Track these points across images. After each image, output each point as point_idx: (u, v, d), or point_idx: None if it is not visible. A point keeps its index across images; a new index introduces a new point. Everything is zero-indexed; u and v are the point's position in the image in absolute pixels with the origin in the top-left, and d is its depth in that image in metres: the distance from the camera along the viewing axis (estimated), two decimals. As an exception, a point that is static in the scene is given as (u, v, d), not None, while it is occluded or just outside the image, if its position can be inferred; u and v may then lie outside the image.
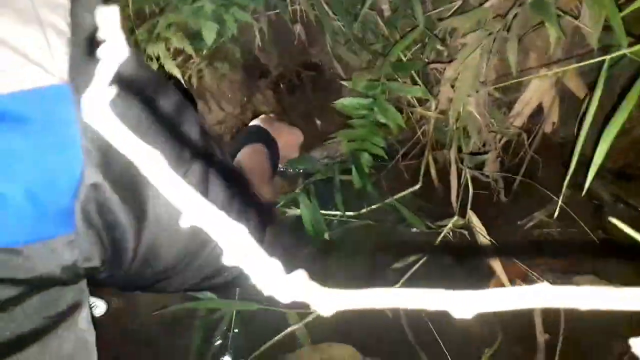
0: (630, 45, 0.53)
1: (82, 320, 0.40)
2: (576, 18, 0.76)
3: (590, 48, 0.86)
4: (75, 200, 0.36)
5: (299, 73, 1.38)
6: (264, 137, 1.00)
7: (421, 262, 0.92)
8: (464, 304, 0.17)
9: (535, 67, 0.97)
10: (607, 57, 0.52)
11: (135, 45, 1.08)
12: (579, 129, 0.82)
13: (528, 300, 0.18)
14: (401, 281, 0.88)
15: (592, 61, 0.58)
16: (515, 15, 0.76)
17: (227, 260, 0.16)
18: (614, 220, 0.35)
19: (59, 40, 0.35)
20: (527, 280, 0.95)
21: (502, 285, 0.91)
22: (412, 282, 0.90)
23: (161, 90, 0.44)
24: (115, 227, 0.40)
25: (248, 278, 0.52)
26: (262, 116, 1.14)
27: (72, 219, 0.37)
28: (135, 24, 1.12)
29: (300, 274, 0.17)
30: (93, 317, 0.42)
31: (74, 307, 0.39)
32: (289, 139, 1.10)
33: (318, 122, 1.39)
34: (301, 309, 0.95)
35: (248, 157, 0.92)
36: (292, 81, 1.39)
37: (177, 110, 0.45)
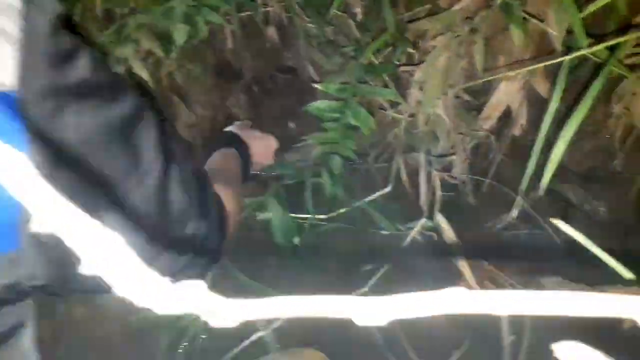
0: (591, 45, 0.54)
1: (26, 340, 0.38)
2: (542, 21, 0.77)
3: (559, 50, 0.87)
4: (19, 215, 0.34)
5: (274, 76, 1.38)
6: (236, 144, 0.98)
7: (389, 264, 0.91)
8: (367, 310, 0.17)
9: (504, 69, 0.98)
10: (567, 57, 0.53)
11: (102, 46, 1.06)
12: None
13: (442, 305, 0.18)
14: (369, 284, 0.87)
15: (551, 62, 0.59)
16: (483, 18, 0.76)
17: (85, 269, 0.15)
18: (555, 221, 0.35)
19: (7, 45, 0.33)
20: (495, 282, 0.96)
21: (469, 287, 0.91)
22: (379, 285, 0.89)
23: (118, 93, 0.43)
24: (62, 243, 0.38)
25: None
26: (237, 123, 1.13)
27: (15, 236, 0.35)
28: (103, 25, 1.10)
29: (199, 285, 0.16)
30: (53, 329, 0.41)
31: (17, 327, 0.37)
32: (263, 146, 1.07)
33: (292, 125, 1.38)
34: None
35: (217, 162, 0.90)
36: (266, 84, 1.38)
37: (132, 115, 0.43)
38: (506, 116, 1.07)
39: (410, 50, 1.00)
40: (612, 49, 0.53)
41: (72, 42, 0.38)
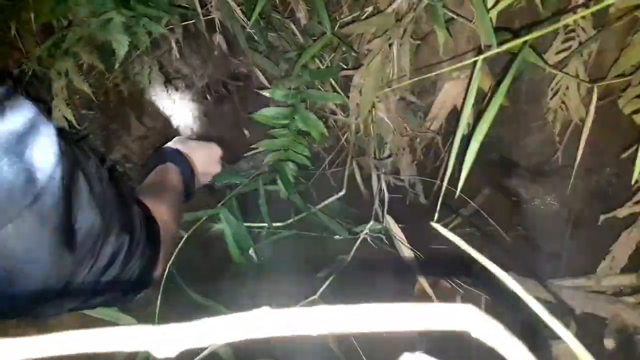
0: (503, 42, 0.54)
1: None
2: (471, 21, 0.77)
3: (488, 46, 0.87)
4: None
5: (226, 83, 1.36)
6: (172, 157, 0.95)
7: (342, 269, 0.91)
8: (166, 340, 0.16)
9: (446, 69, 0.98)
10: (480, 57, 0.53)
11: (40, 61, 1.03)
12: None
13: (249, 328, 0.17)
14: (319, 291, 0.86)
15: (466, 62, 0.58)
16: (411, 19, 0.76)
17: None
18: (436, 225, 0.35)
19: None
20: (448, 281, 0.96)
21: (424, 290, 0.91)
22: (331, 292, 0.89)
23: (8, 108, 0.41)
24: None
25: (132, 299, 0.49)
26: (175, 138, 1.09)
27: None
28: (41, 39, 1.07)
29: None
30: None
31: None
32: (206, 155, 1.05)
33: (246, 132, 1.37)
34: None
35: (155, 178, 0.88)
36: (219, 92, 1.36)
37: (25, 132, 0.42)
38: (455, 116, 1.08)
39: (353, 54, 0.99)
40: (526, 43, 0.53)
41: None
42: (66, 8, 1.02)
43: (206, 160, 1.03)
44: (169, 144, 1.01)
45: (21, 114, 0.42)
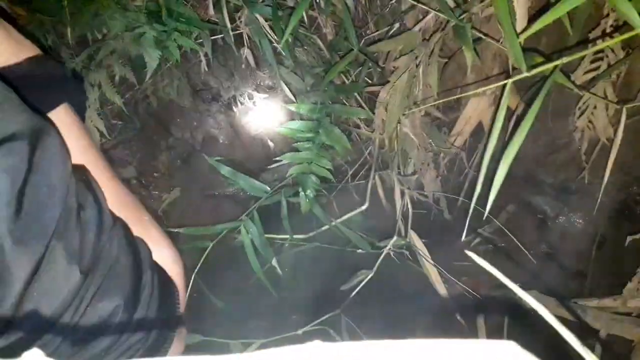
0: (534, 65, 0.54)
1: None
2: (499, 41, 0.78)
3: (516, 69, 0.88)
4: None
5: (252, 96, 1.39)
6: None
7: (364, 284, 0.91)
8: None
9: (473, 86, 0.99)
10: (509, 81, 0.53)
11: (74, 73, 1.07)
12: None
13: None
14: (342, 305, 0.87)
15: (495, 85, 0.59)
16: (439, 39, 0.77)
17: None
18: (470, 254, 0.35)
19: None
20: (471, 297, 0.96)
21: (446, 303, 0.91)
22: (355, 304, 0.89)
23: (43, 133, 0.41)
24: None
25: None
26: None
27: None
28: (76, 52, 1.11)
29: (35, 354, 0.16)
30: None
31: None
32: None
33: (271, 144, 1.39)
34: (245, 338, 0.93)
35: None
36: (245, 104, 1.39)
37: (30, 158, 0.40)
38: (480, 132, 1.08)
39: (379, 70, 1.00)
40: (556, 66, 0.54)
41: None
42: (101, 22, 1.05)
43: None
44: None
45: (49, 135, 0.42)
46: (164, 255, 0.59)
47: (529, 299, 0.31)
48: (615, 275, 0.97)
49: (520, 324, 0.97)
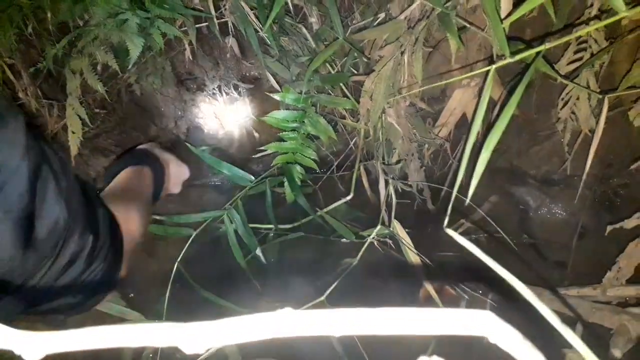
0: (517, 52, 0.54)
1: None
2: (483, 29, 0.78)
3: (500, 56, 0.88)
4: None
5: (237, 86, 1.37)
6: (150, 163, 0.92)
7: (347, 272, 0.91)
8: (194, 337, 0.17)
9: (458, 76, 0.99)
10: (492, 67, 0.53)
11: (55, 60, 1.05)
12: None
13: (270, 328, 0.17)
14: (326, 293, 0.87)
15: (478, 71, 0.59)
16: (424, 26, 0.77)
17: None
18: (450, 232, 0.36)
19: None
20: (454, 287, 0.96)
21: (430, 295, 0.92)
22: (339, 292, 0.89)
23: None
24: None
25: (90, 307, 0.48)
26: (152, 142, 1.07)
27: None
28: (57, 38, 1.09)
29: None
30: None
31: None
32: (177, 174, 1.01)
33: (256, 134, 1.38)
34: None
35: (127, 178, 0.84)
36: (230, 94, 1.37)
37: None
38: (464, 123, 1.08)
39: (364, 59, 1.00)
40: (539, 54, 0.54)
41: None
42: (83, 8, 1.03)
43: (175, 177, 0.99)
44: (146, 147, 0.97)
45: None
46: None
47: (519, 285, 0.31)
48: (595, 265, 0.98)
49: (503, 312, 0.98)
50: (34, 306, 0.51)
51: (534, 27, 0.95)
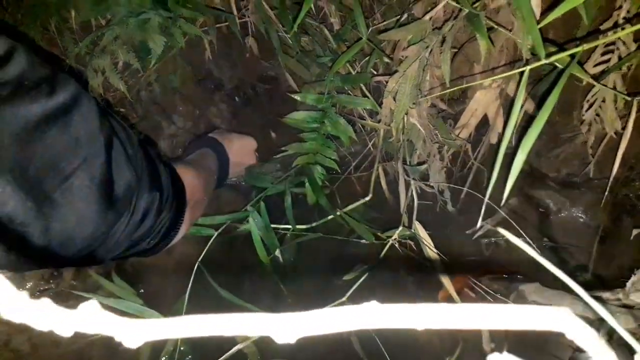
0: (551, 54, 0.54)
1: None
2: (511, 30, 0.78)
3: (536, 58, 0.87)
4: None
5: (255, 86, 1.38)
6: (211, 144, 1.03)
7: (368, 273, 0.91)
8: (285, 326, 0.17)
9: (480, 78, 0.98)
10: (527, 67, 0.53)
11: (77, 58, 1.05)
12: (519, 139, 0.83)
13: (356, 320, 0.17)
14: (347, 294, 0.87)
15: (512, 72, 0.59)
16: (450, 28, 0.77)
17: None
18: (503, 231, 0.35)
19: None
20: (474, 289, 0.96)
21: (450, 296, 0.91)
22: (359, 294, 0.89)
23: (55, 86, 0.48)
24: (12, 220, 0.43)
25: (159, 251, 0.54)
26: (215, 130, 1.16)
27: None
28: (79, 37, 1.10)
29: (92, 304, 0.16)
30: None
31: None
32: (240, 146, 1.12)
33: (273, 134, 1.38)
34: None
35: (193, 156, 0.96)
36: (248, 94, 1.38)
37: (70, 104, 0.49)
38: (485, 125, 1.08)
39: (386, 60, 1.00)
40: (573, 56, 0.54)
41: (9, 45, 0.44)
42: (106, 7, 1.04)
43: (241, 151, 1.11)
44: (214, 135, 1.09)
45: (67, 90, 0.49)
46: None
47: (554, 269, 0.31)
48: (617, 269, 0.97)
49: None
50: (118, 256, 0.60)
51: (557, 31, 0.95)
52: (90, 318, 0.15)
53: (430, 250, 0.88)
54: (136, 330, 0.16)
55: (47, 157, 0.45)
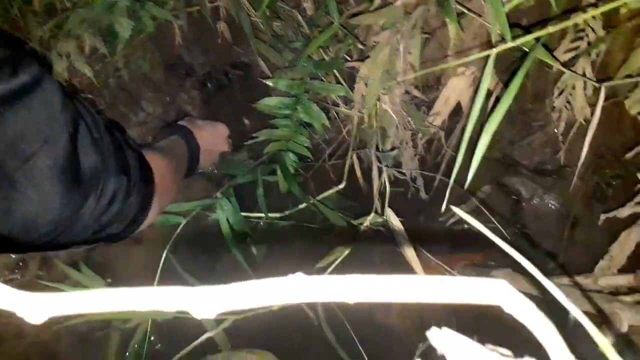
0: (517, 37, 0.54)
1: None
2: (481, 15, 0.77)
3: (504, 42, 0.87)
4: None
5: (227, 72, 1.35)
6: (180, 131, 1.00)
7: (341, 260, 0.90)
8: (204, 301, 0.15)
9: (452, 64, 0.98)
10: (493, 51, 0.52)
11: (41, 42, 1.02)
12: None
13: (281, 293, 0.16)
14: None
15: (479, 55, 0.58)
16: (422, 12, 0.76)
17: None
18: (455, 209, 0.35)
19: None
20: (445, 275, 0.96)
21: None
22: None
23: (17, 67, 0.47)
24: None
25: (127, 236, 0.53)
26: (185, 118, 1.13)
27: None
28: (44, 20, 1.06)
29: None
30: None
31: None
32: (212, 133, 1.10)
33: (247, 121, 1.36)
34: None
35: (162, 144, 0.95)
36: (220, 80, 1.35)
37: (32, 85, 0.48)
38: (459, 112, 1.07)
39: (360, 46, 0.99)
40: (539, 40, 0.53)
41: None
42: (70, -11, 1.01)
43: (212, 138, 1.08)
44: (184, 123, 1.07)
45: (28, 72, 0.48)
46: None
47: (513, 253, 0.30)
48: (587, 254, 0.98)
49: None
50: (85, 240, 0.60)
51: (529, 17, 0.95)
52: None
53: (402, 237, 0.88)
54: (39, 305, 0.14)
55: (7, 138, 0.45)
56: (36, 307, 0.15)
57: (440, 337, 0.20)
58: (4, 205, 0.46)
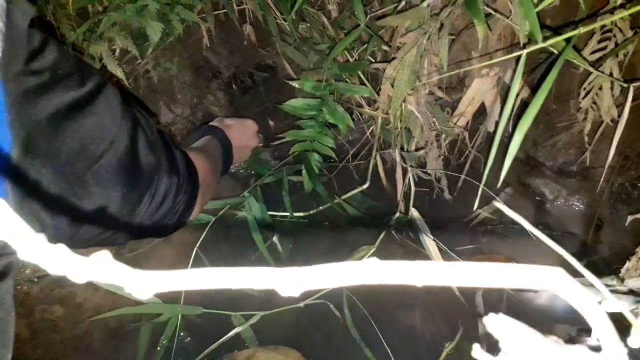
0: (548, 38, 0.54)
1: (6, 295, 0.43)
2: (508, 17, 0.78)
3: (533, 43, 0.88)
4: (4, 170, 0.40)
5: (252, 74, 1.38)
6: (212, 131, 1.03)
7: (365, 259, 0.91)
8: (289, 281, 0.17)
9: (477, 65, 0.99)
10: (523, 52, 0.53)
11: (74, 45, 1.05)
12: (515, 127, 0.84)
13: (357, 276, 0.18)
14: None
15: (509, 56, 0.59)
16: (448, 14, 0.77)
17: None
18: (498, 204, 0.36)
19: None
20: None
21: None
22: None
23: (83, 76, 0.50)
24: (47, 197, 0.45)
25: (173, 232, 0.55)
26: (219, 118, 1.16)
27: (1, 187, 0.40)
28: (76, 23, 1.09)
29: (104, 254, 0.16)
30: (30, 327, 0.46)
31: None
32: (241, 129, 1.12)
33: (271, 123, 1.38)
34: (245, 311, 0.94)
35: (198, 144, 0.97)
36: (245, 82, 1.38)
37: (95, 93, 0.51)
38: (482, 113, 1.08)
39: (384, 47, 1.00)
40: (569, 41, 0.54)
41: (43, 36, 0.45)
42: (103, -7, 1.04)
43: (243, 134, 1.10)
44: (215, 123, 1.10)
45: (93, 80, 0.51)
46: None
47: (550, 243, 0.31)
48: (612, 256, 0.98)
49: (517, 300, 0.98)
50: (140, 235, 0.65)
51: (554, 19, 0.95)
52: (101, 267, 0.16)
53: (427, 236, 0.89)
54: (145, 281, 0.16)
55: (77, 141, 0.48)
56: (143, 284, 0.16)
57: (496, 323, 0.21)
58: (76, 203, 0.48)
